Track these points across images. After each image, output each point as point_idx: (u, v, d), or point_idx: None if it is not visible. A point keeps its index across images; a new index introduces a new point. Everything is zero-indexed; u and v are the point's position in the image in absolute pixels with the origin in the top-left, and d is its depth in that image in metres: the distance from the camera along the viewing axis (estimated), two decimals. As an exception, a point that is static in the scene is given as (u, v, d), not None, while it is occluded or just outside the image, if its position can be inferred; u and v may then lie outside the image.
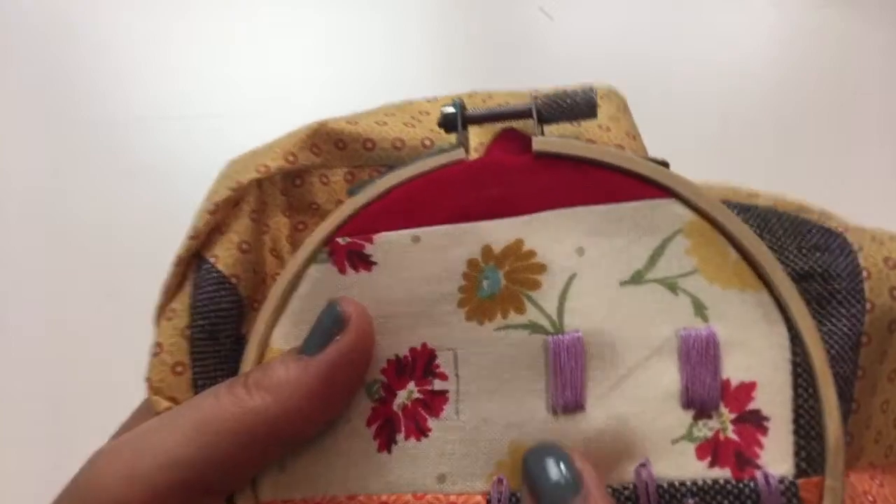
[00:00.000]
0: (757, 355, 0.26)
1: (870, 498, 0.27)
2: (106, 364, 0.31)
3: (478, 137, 0.32)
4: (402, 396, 0.28)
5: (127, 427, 0.29)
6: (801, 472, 0.25)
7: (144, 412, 0.29)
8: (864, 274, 0.27)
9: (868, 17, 0.62)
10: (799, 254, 0.28)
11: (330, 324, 0.27)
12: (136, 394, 0.30)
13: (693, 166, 0.28)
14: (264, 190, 0.30)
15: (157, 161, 0.60)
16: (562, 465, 0.24)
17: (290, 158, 0.30)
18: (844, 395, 0.26)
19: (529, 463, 0.25)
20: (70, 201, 0.59)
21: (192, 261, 0.29)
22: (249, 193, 0.30)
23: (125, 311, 0.29)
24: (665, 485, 0.25)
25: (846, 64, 0.62)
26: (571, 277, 0.27)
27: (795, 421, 0.25)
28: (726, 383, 0.26)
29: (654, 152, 0.29)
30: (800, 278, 0.27)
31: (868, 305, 0.27)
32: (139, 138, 0.61)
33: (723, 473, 0.25)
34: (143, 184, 0.59)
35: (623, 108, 0.34)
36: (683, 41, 0.63)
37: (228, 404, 0.26)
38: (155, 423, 0.27)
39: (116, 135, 0.61)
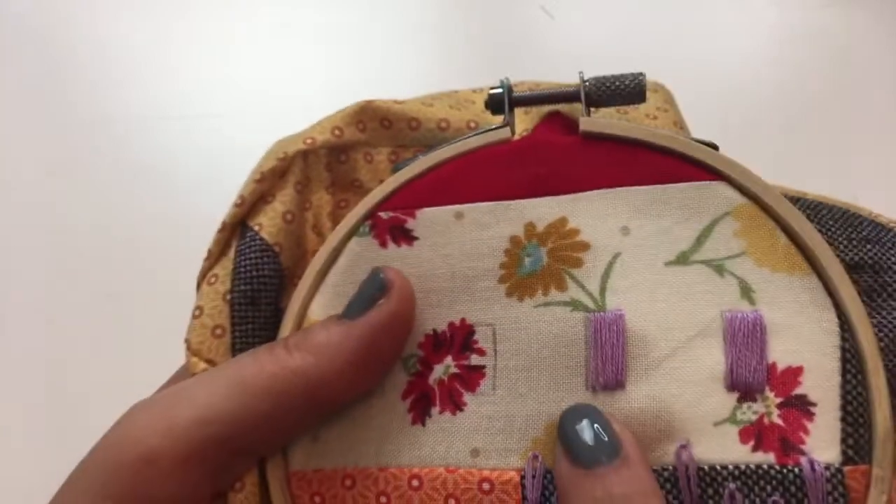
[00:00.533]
0: (805, 340, 0.25)
1: None
2: (105, 364, 0.31)
3: (523, 124, 0.32)
4: (438, 371, 0.28)
5: (165, 385, 0.29)
6: (847, 459, 0.24)
7: (181, 375, 0.29)
8: None
9: (870, 16, 0.61)
10: (849, 244, 0.27)
11: (373, 290, 0.27)
12: (137, 393, 0.30)
13: None
14: (309, 163, 0.31)
15: (157, 161, 0.60)
16: (598, 428, 0.24)
17: (337, 133, 0.30)
18: (893, 391, 0.26)
19: (565, 424, 0.24)
20: (70, 201, 0.59)
21: (237, 228, 0.30)
22: (295, 164, 0.30)
23: (125, 310, 0.29)
24: (706, 468, 0.24)
25: (848, 64, 0.61)
26: (615, 256, 0.27)
27: (843, 408, 0.24)
28: (772, 367, 0.25)
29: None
30: (850, 269, 0.26)
31: None
32: (139, 138, 0.61)
33: (766, 458, 0.24)
34: (143, 184, 0.59)
35: (670, 101, 0.34)
36: (684, 40, 0.63)
37: (268, 363, 0.26)
38: (193, 380, 0.27)
39: (116, 135, 0.61)
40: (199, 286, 0.29)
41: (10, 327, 0.55)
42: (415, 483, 0.26)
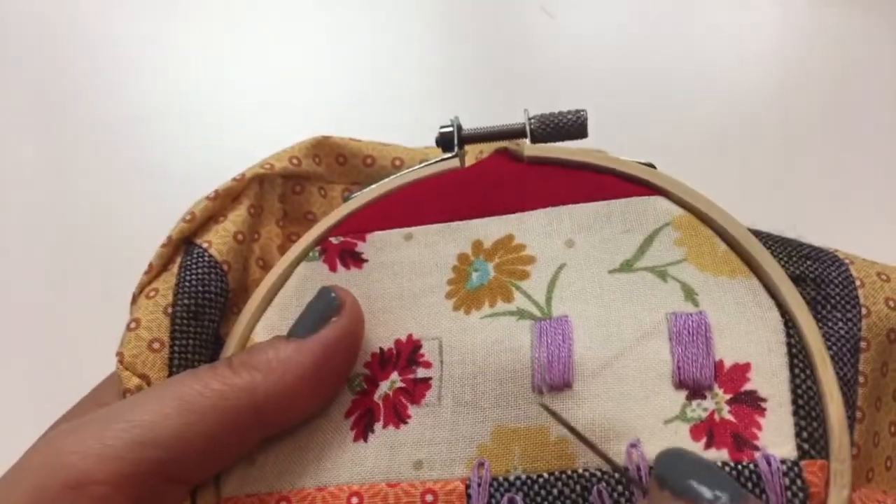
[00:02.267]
0: (750, 338, 0.25)
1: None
2: (105, 364, 0.29)
3: (470, 160, 0.33)
4: (384, 387, 0.27)
5: (86, 402, 0.28)
6: (803, 453, 0.23)
7: (106, 388, 0.28)
8: (858, 283, 0.27)
9: (871, 16, 0.62)
10: (790, 260, 0.27)
11: (324, 307, 0.26)
12: None
13: (695, 165, 0.28)
14: (265, 190, 0.31)
15: (156, 161, 0.59)
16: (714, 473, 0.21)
17: (294, 161, 0.31)
18: (847, 400, 0.25)
19: (669, 475, 0.21)
20: (69, 201, 0.58)
21: (181, 245, 0.29)
22: (251, 188, 0.30)
23: (124, 311, 0.28)
24: None
25: (849, 63, 0.61)
26: (560, 267, 0.27)
27: (794, 402, 0.24)
28: (719, 364, 0.25)
29: (655, 151, 0.30)
30: (792, 280, 0.27)
31: (864, 310, 0.26)
32: (139, 138, 0.60)
33: (720, 455, 0.23)
34: (143, 184, 0.58)
35: None
36: (684, 40, 0.63)
37: (213, 381, 0.24)
38: (128, 400, 0.25)
39: (116, 135, 0.60)
40: (134, 300, 0.28)
41: (10, 327, 0.53)
42: (354, 501, 0.25)
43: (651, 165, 0.29)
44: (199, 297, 0.28)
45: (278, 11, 0.65)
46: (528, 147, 0.29)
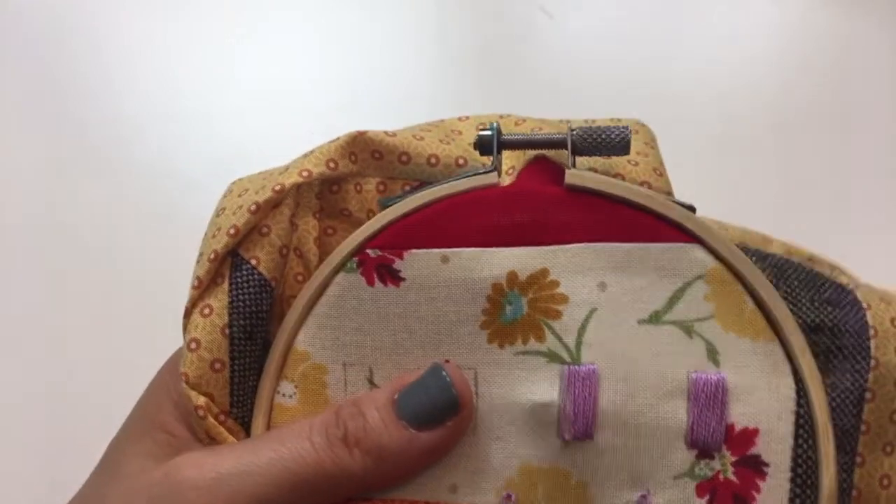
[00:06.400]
0: (763, 404, 0.27)
1: None
2: (104, 364, 0.31)
3: (509, 161, 0.33)
4: None
5: (142, 422, 0.30)
6: None
7: (156, 403, 0.30)
8: (872, 332, 0.28)
9: (870, 16, 0.62)
10: (811, 306, 0.29)
11: (444, 404, 0.27)
12: (135, 393, 0.31)
13: (694, 165, 0.28)
14: (301, 193, 0.31)
15: (155, 161, 0.60)
16: None
17: (332, 165, 0.31)
18: (845, 447, 0.28)
19: None
20: (68, 201, 0.59)
21: (227, 258, 0.30)
22: (290, 197, 0.31)
23: (123, 311, 0.30)
24: None
25: (848, 63, 0.62)
26: (592, 311, 0.28)
27: (793, 469, 0.26)
28: (730, 427, 0.27)
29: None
30: (810, 330, 0.28)
31: (873, 362, 0.28)
32: (136, 139, 0.61)
33: None
34: (142, 184, 0.59)
35: (651, 142, 0.35)
36: (684, 40, 0.63)
37: (329, 463, 0.27)
38: (246, 460, 0.27)
39: (115, 135, 0.61)
40: (188, 314, 0.30)
41: (10, 328, 0.55)
42: None
43: (691, 208, 0.29)
44: (252, 318, 0.29)
45: (279, 11, 0.63)
46: (568, 174, 0.29)
